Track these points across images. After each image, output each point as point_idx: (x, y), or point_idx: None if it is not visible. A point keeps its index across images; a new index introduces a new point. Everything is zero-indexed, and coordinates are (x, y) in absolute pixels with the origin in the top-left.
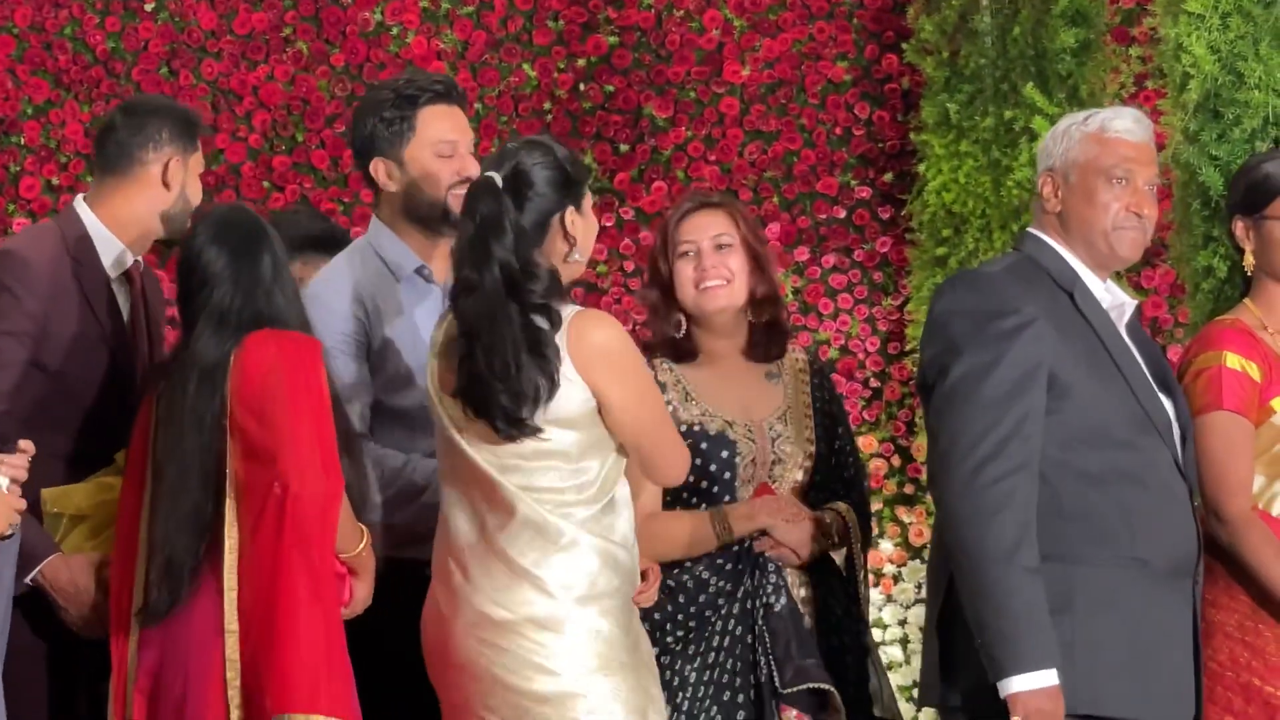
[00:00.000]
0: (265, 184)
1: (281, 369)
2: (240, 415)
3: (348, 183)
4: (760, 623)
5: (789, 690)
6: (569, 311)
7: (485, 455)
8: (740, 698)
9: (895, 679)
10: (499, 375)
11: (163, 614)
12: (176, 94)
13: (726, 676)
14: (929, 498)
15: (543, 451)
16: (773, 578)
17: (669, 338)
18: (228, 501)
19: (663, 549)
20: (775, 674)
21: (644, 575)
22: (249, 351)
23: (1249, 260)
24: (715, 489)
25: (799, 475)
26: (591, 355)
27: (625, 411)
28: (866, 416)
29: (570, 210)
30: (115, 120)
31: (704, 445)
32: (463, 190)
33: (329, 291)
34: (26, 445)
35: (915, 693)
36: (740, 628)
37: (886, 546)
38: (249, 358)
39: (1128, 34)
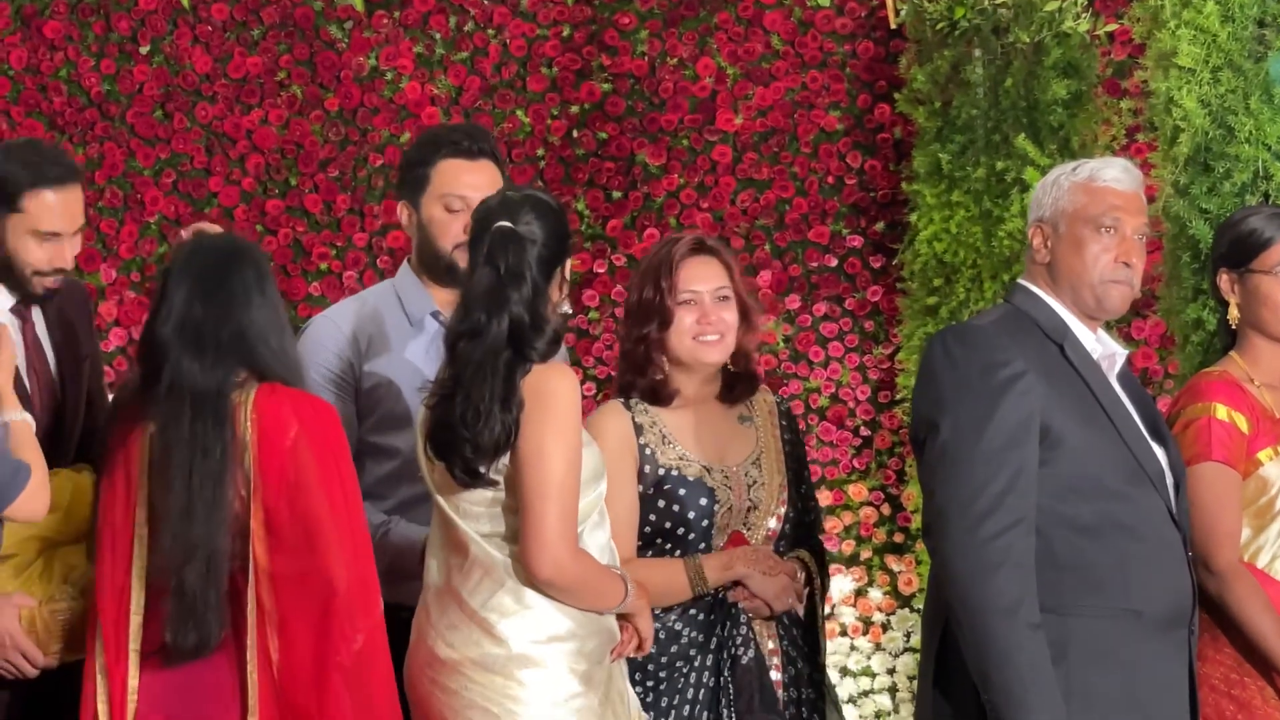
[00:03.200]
0: (258, 228)
1: (308, 446)
2: (268, 495)
3: (340, 226)
4: (726, 674)
5: None
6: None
7: (447, 499)
8: None
9: None
10: (468, 424)
11: (189, 654)
12: (171, 137)
13: None
14: (919, 546)
15: (493, 499)
16: (742, 630)
17: (650, 380)
18: (250, 578)
19: None
20: None
21: (623, 629)
22: (265, 416)
23: (1234, 313)
24: (691, 535)
25: (771, 523)
26: (528, 401)
27: (521, 453)
28: (856, 465)
29: (568, 262)
30: None
31: (682, 491)
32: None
33: (324, 328)
34: None
35: None
36: (711, 678)
37: (876, 595)
38: (267, 424)
39: (1119, 86)
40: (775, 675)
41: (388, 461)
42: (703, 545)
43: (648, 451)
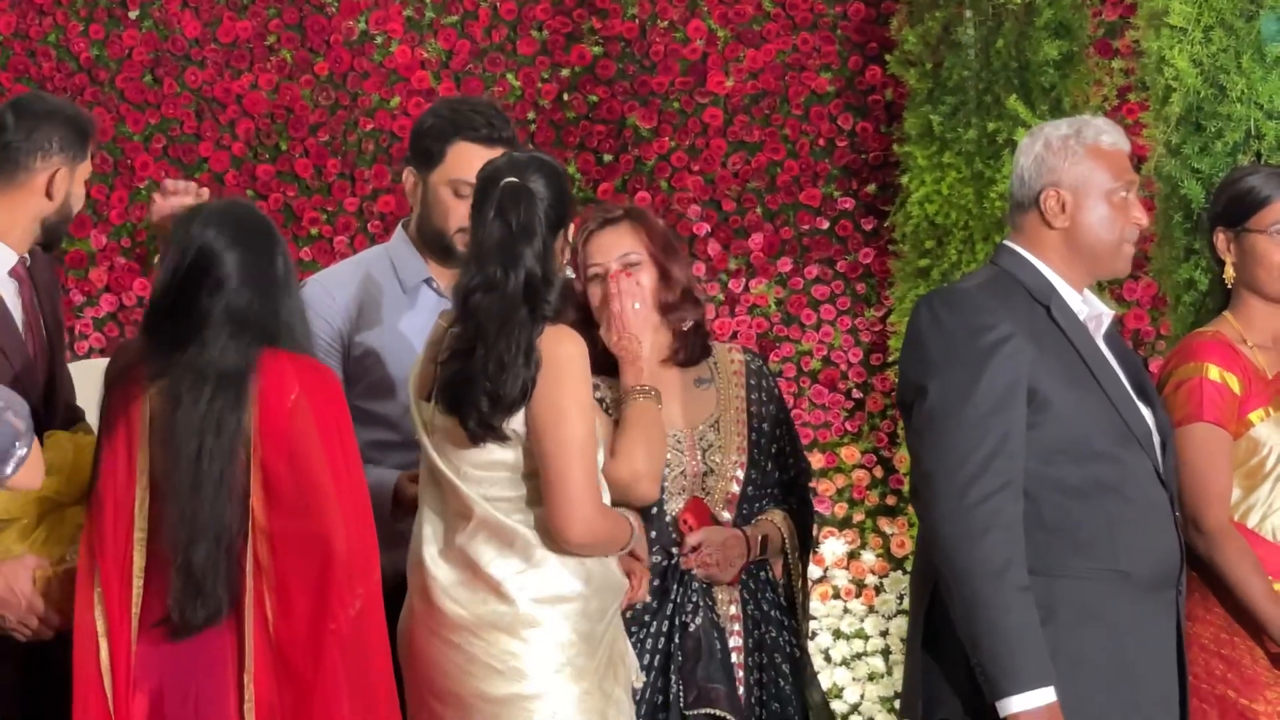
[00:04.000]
0: (249, 192)
1: (308, 408)
2: (267, 454)
3: (331, 191)
4: (676, 641)
5: (691, 713)
6: (548, 326)
7: (446, 461)
8: (661, 716)
9: (877, 690)
10: (490, 375)
11: (196, 629)
12: (160, 102)
13: (649, 692)
14: (911, 509)
15: (492, 462)
16: (694, 596)
17: (592, 351)
18: (249, 539)
19: None
20: (682, 694)
21: (630, 574)
22: (267, 377)
23: (1229, 273)
24: None
25: (732, 487)
26: (544, 362)
27: (538, 420)
28: (849, 428)
29: (571, 225)
30: (6, 121)
31: None
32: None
33: (315, 294)
34: None
35: (898, 704)
36: (664, 644)
37: (869, 558)
38: (268, 384)
39: (1110, 47)
40: (735, 641)
41: (375, 428)
42: (654, 509)
43: (605, 404)
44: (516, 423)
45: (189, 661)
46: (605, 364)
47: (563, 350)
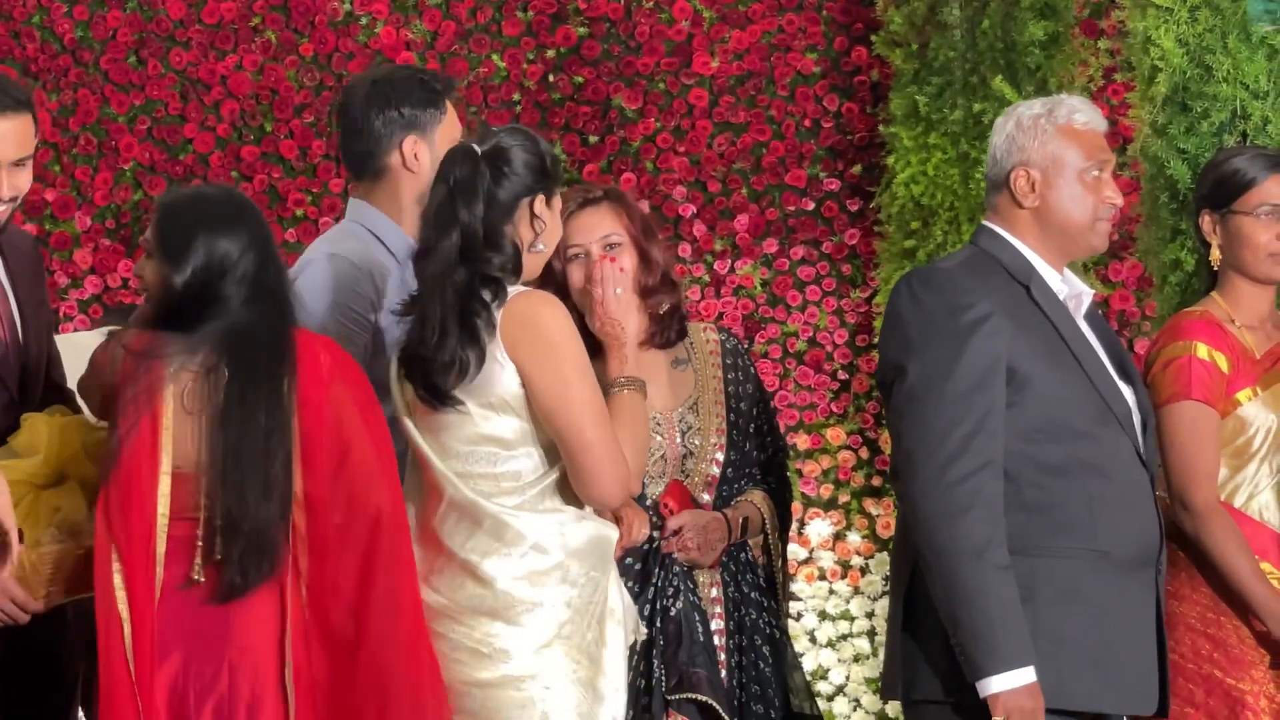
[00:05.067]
0: (233, 174)
1: (341, 377)
2: (306, 421)
3: (316, 173)
4: (657, 625)
5: (673, 697)
6: (515, 290)
7: (428, 439)
8: (644, 700)
9: (863, 671)
10: (426, 342)
11: (243, 591)
12: (145, 84)
13: (631, 676)
14: None
15: (480, 436)
16: (675, 580)
17: None
18: (294, 511)
19: None
20: (664, 678)
21: (618, 520)
22: (304, 358)
23: (1215, 255)
24: None
25: (712, 469)
26: (518, 333)
27: (546, 395)
28: (834, 409)
29: (541, 198)
30: None
31: None
32: None
33: (344, 270)
34: None
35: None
36: (647, 628)
37: (854, 538)
38: (303, 354)
39: (1096, 27)
40: (717, 624)
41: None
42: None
43: None
44: (504, 391)
45: (220, 629)
46: (586, 344)
47: (544, 315)
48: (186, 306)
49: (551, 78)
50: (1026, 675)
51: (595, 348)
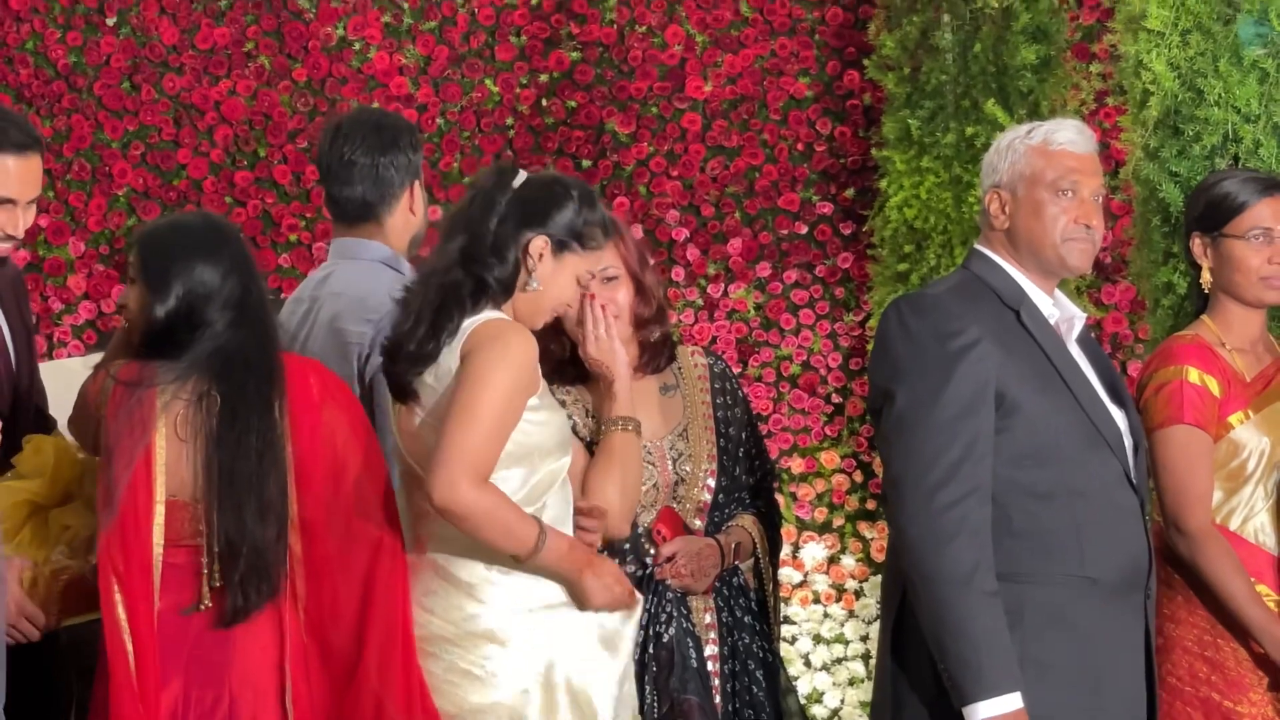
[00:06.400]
0: (227, 199)
1: (333, 401)
2: (300, 445)
3: (309, 198)
4: (650, 651)
5: None
6: (495, 315)
7: (418, 458)
8: None
9: (857, 694)
10: (401, 328)
11: (257, 609)
12: (138, 109)
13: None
14: None
15: None
16: (668, 607)
17: (556, 360)
18: (290, 535)
19: None
20: (656, 704)
21: (586, 512)
22: (289, 371)
23: (1206, 277)
24: None
25: (704, 495)
26: (474, 346)
27: (458, 381)
28: (828, 432)
29: (543, 240)
30: None
31: None
32: None
33: (379, 297)
34: None
35: None
36: (639, 655)
37: (849, 562)
38: (292, 378)
39: (1088, 51)
40: (711, 650)
41: None
42: None
43: (571, 423)
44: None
45: (220, 654)
46: (574, 372)
47: (507, 337)
48: (171, 333)
49: (544, 102)
50: (1013, 702)
51: (581, 375)
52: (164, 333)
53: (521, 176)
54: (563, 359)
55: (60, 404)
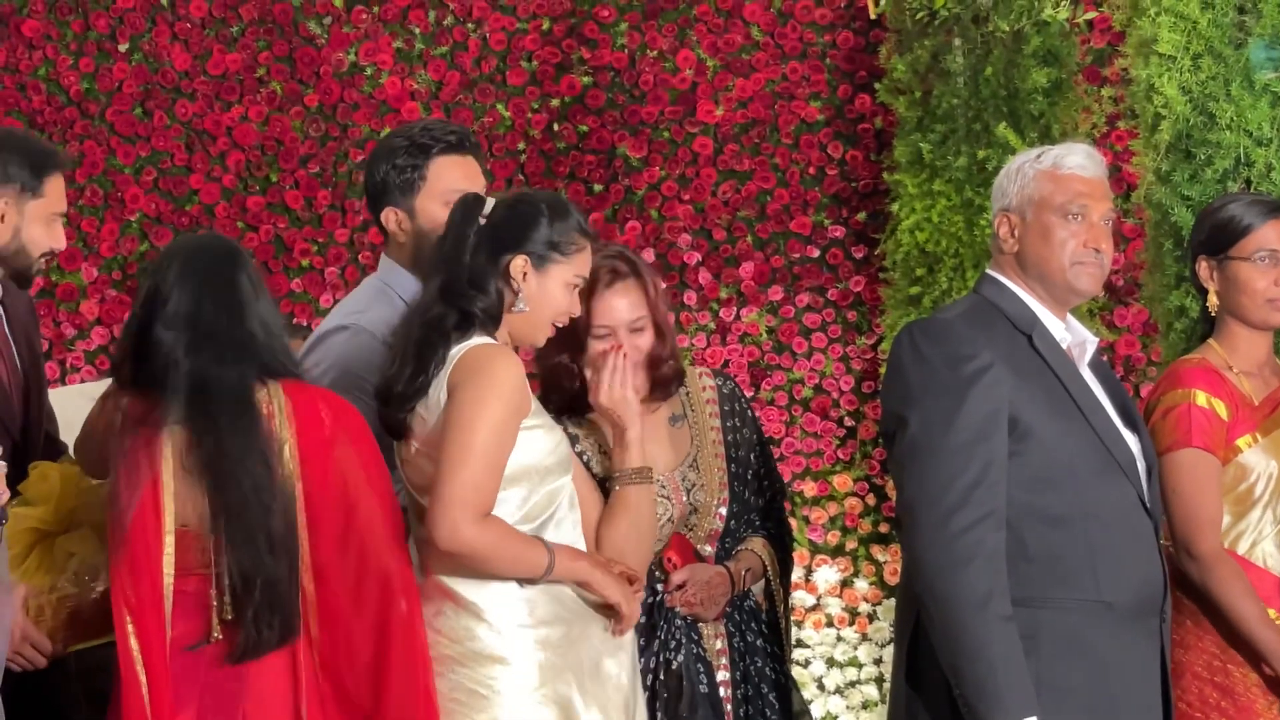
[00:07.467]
0: (239, 224)
1: (345, 438)
2: (311, 485)
3: (321, 223)
4: (660, 678)
5: None
6: (482, 341)
7: (421, 490)
8: None
9: (871, 718)
10: (391, 370)
11: (271, 647)
12: (150, 135)
13: None
14: None
15: None
16: (678, 634)
17: (567, 394)
18: (302, 576)
19: None
20: None
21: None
22: (299, 408)
23: (1213, 300)
24: None
25: (716, 523)
26: (461, 376)
27: (448, 418)
28: (841, 455)
29: (522, 260)
30: None
31: None
32: None
33: (367, 343)
34: None
35: None
36: (650, 681)
37: (862, 585)
38: (302, 416)
39: (1099, 74)
40: (723, 675)
41: None
42: None
43: (585, 459)
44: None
45: (233, 685)
46: (574, 405)
47: (494, 363)
48: (132, 354)
49: (556, 127)
50: None
51: (586, 407)
52: (126, 353)
53: (489, 204)
54: (574, 392)
55: (72, 430)
